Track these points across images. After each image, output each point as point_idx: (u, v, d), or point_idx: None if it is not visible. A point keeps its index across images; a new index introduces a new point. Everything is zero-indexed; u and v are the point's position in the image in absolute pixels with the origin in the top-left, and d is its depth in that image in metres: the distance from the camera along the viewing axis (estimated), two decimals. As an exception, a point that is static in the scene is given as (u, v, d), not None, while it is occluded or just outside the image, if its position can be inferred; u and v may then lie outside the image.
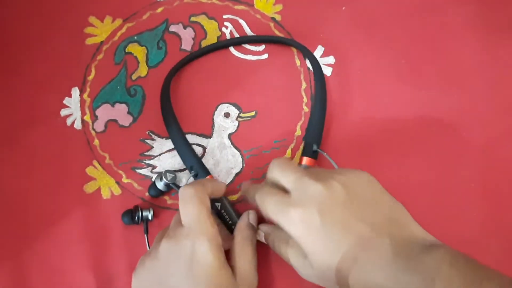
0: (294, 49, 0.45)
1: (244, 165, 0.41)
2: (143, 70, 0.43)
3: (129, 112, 0.42)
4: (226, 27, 0.45)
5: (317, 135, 0.40)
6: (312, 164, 0.39)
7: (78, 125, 0.42)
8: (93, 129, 0.42)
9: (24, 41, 0.44)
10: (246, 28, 0.45)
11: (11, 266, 0.38)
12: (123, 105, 0.42)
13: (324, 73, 0.43)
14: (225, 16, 0.45)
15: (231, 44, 0.44)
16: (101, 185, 0.40)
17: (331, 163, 0.38)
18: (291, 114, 0.43)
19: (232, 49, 0.44)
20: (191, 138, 0.41)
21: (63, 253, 0.38)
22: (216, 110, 0.42)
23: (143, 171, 0.41)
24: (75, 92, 0.43)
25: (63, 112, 0.42)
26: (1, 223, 0.39)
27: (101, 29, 0.44)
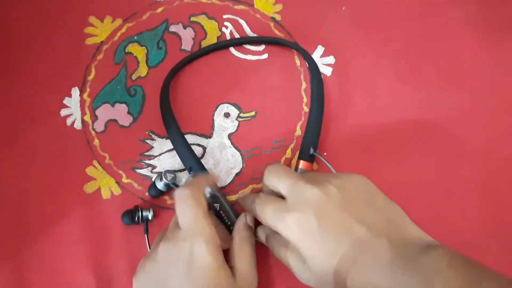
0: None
1: (244, 165, 0.41)
2: (143, 70, 0.43)
3: (129, 112, 0.42)
4: (226, 27, 0.45)
5: (314, 139, 0.40)
6: (309, 167, 0.39)
7: (78, 125, 0.42)
8: (93, 129, 0.42)
9: (24, 41, 0.44)
10: (246, 28, 0.45)
11: (11, 266, 0.38)
12: (123, 105, 0.42)
13: (322, 76, 0.43)
14: (225, 16, 0.45)
15: (230, 45, 0.44)
16: (101, 185, 0.40)
17: (328, 165, 0.38)
18: (291, 114, 0.43)
19: (232, 49, 0.44)
20: (191, 138, 0.41)
21: (63, 253, 0.38)
22: (216, 110, 0.42)
23: (143, 171, 0.41)
24: (75, 92, 0.43)
25: (63, 112, 0.42)
26: (1, 223, 0.39)
27: (101, 29, 0.44)
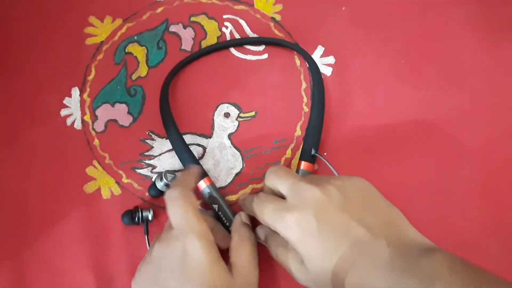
0: (294, 49, 0.45)
1: (244, 165, 0.41)
2: (143, 70, 0.43)
3: (129, 112, 0.42)
4: (226, 27, 0.45)
5: (315, 140, 0.40)
6: (311, 168, 0.39)
7: (78, 125, 0.42)
8: (93, 129, 0.42)
9: (24, 41, 0.44)
10: (246, 28, 0.45)
11: (11, 266, 0.38)
12: (123, 105, 0.42)
13: (323, 77, 0.43)
14: (225, 16, 0.45)
15: (231, 45, 0.44)
16: (101, 185, 0.40)
17: (328, 166, 0.38)
18: (291, 114, 0.43)
19: (232, 49, 0.44)
20: (191, 138, 0.41)
21: (63, 253, 0.38)
22: (216, 110, 0.42)
23: (143, 171, 0.41)
24: (75, 92, 0.43)
25: (63, 112, 0.42)
26: (1, 223, 0.39)
27: (101, 29, 0.44)
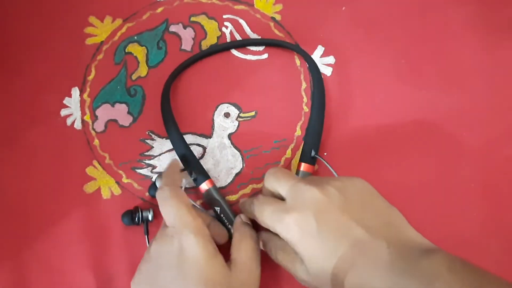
0: (294, 49, 0.45)
1: (244, 165, 0.41)
2: (143, 70, 0.43)
3: (129, 112, 0.42)
4: (226, 27, 0.45)
5: (315, 141, 0.40)
6: (311, 170, 0.39)
7: (78, 125, 0.42)
8: (93, 129, 0.42)
9: (24, 41, 0.44)
10: (246, 28, 0.45)
11: (11, 266, 0.38)
12: (123, 105, 0.42)
13: (323, 78, 0.43)
14: (225, 16, 0.45)
15: (232, 47, 0.44)
16: (101, 185, 0.40)
17: (328, 167, 0.38)
18: (291, 114, 0.43)
19: (232, 50, 0.44)
20: (191, 138, 0.41)
21: (63, 253, 0.38)
22: (216, 110, 0.42)
23: (143, 171, 0.41)
24: (75, 92, 0.43)
25: (63, 112, 0.42)
26: (1, 223, 0.39)
27: (101, 29, 0.44)
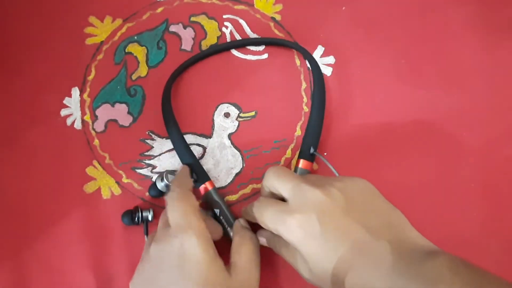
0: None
1: (244, 165, 0.41)
2: (143, 70, 0.43)
3: (129, 112, 0.42)
4: (226, 27, 0.45)
5: (314, 138, 0.40)
6: (309, 167, 0.39)
7: (78, 125, 0.42)
8: (93, 129, 0.42)
9: (24, 41, 0.44)
10: (246, 28, 0.45)
11: (11, 266, 0.38)
12: (123, 105, 0.42)
13: (323, 76, 0.43)
14: (225, 16, 0.45)
15: (232, 47, 0.44)
16: (101, 185, 0.40)
17: (328, 164, 0.38)
18: (291, 114, 0.43)
19: (232, 50, 0.44)
20: (191, 138, 0.41)
21: (63, 253, 0.38)
22: (216, 110, 0.42)
23: (143, 171, 0.41)
24: (75, 92, 0.43)
25: (63, 112, 0.42)
26: (1, 223, 0.39)
27: (101, 29, 0.44)
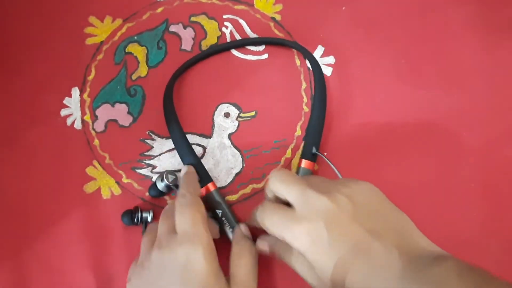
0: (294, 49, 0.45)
1: (244, 165, 0.41)
2: (143, 70, 0.43)
3: (129, 112, 0.42)
4: (226, 27, 0.45)
5: (316, 138, 0.40)
6: (311, 166, 0.39)
7: (78, 125, 0.42)
8: (93, 129, 0.42)
9: (24, 41, 0.44)
10: (246, 28, 0.45)
11: (11, 266, 0.38)
12: (123, 105, 0.42)
13: (324, 76, 0.43)
14: (225, 16, 0.45)
15: (232, 47, 0.44)
16: (101, 185, 0.40)
17: (329, 164, 0.38)
18: (291, 114, 0.43)
19: (232, 50, 0.44)
20: (191, 138, 0.41)
21: (63, 253, 0.38)
22: (216, 110, 0.42)
23: (143, 171, 0.41)
24: (75, 92, 0.43)
25: (63, 112, 0.42)
26: (1, 223, 0.39)
27: (101, 29, 0.44)
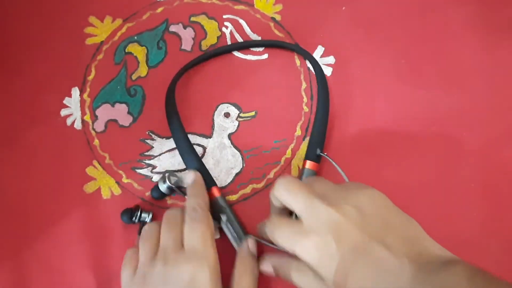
0: (294, 49, 0.45)
1: (244, 165, 0.41)
2: (143, 70, 0.43)
3: (129, 112, 0.42)
4: (226, 27, 0.45)
5: (320, 139, 0.40)
6: (315, 167, 0.40)
7: (78, 125, 0.42)
8: (93, 129, 0.42)
9: (24, 41, 0.44)
10: (246, 28, 0.45)
11: (11, 266, 0.38)
12: (123, 105, 0.42)
13: (326, 76, 0.43)
14: (225, 16, 0.45)
15: (234, 49, 0.44)
16: (101, 185, 0.40)
17: (333, 164, 0.38)
18: (291, 114, 0.43)
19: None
20: (191, 138, 0.41)
21: (63, 253, 0.38)
22: (216, 110, 0.42)
23: (143, 171, 0.41)
24: (75, 92, 0.43)
25: (63, 112, 0.42)
26: (1, 223, 0.39)
27: (101, 29, 0.44)
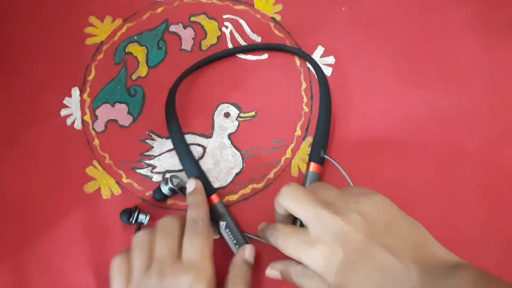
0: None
1: (244, 165, 0.41)
2: (143, 70, 0.43)
3: (129, 112, 0.42)
4: (226, 27, 0.45)
5: (324, 141, 0.40)
6: (319, 170, 0.40)
7: (78, 125, 0.42)
8: (93, 129, 0.42)
9: (24, 41, 0.44)
10: (246, 28, 0.45)
11: (11, 266, 0.38)
12: (123, 105, 0.42)
13: (327, 78, 0.43)
14: (225, 16, 0.45)
15: (237, 52, 0.44)
16: (101, 185, 0.40)
17: (335, 165, 0.38)
18: (291, 114, 0.43)
19: (232, 49, 0.44)
20: (191, 138, 0.41)
21: (63, 253, 0.38)
22: (216, 110, 0.42)
23: (143, 171, 0.41)
24: (75, 92, 0.43)
25: (63, 112, 0.42)
26: (1, 223, 0.39)
27: (101, 29, 0.44)
